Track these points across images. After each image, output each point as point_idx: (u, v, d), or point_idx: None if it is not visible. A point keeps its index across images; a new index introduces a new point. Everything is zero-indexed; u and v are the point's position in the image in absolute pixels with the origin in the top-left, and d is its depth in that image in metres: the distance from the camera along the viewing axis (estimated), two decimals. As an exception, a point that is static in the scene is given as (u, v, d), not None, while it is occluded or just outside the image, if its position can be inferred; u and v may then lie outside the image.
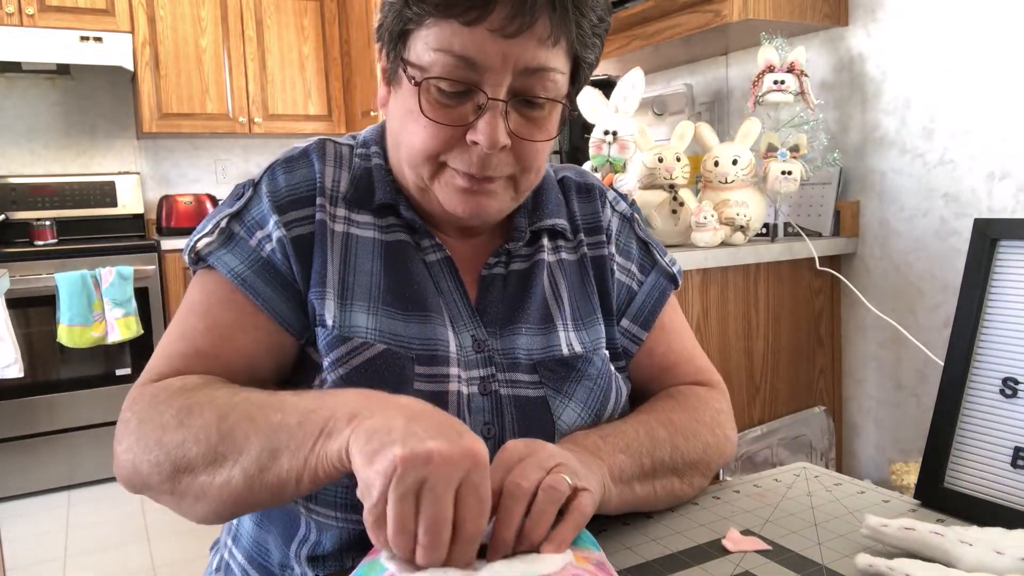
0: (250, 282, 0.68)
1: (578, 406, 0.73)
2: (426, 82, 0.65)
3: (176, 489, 0.60)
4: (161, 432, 0.61)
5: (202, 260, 0.70)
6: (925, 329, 1.65)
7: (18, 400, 2.90)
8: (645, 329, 0.81)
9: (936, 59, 1.60)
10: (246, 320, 0.68)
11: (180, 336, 0.69)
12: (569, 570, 0.51)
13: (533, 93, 0.66)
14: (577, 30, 0.66)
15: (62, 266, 2.91)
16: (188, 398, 0.62)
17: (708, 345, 1.60)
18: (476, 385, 0.70)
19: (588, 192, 0.84)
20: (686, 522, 0.71)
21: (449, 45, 0.63)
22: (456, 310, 0.73)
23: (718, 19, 1.67)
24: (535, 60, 0.64)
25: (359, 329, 0.68)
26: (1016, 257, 0.71)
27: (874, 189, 1.75)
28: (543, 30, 0.63)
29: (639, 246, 0.85)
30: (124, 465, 0.63)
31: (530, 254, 0.78)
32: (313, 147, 0.74)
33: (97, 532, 2.59)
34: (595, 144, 1.57)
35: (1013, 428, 0.68)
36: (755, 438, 1.68)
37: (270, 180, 0.71)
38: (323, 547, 0.68)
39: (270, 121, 3.57)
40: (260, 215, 0.70)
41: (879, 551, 0.61)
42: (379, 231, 0.73)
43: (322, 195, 0.71)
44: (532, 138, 0.67)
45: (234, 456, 0.57)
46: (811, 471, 0.83)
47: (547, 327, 0.75)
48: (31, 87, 3.45)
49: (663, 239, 1.67)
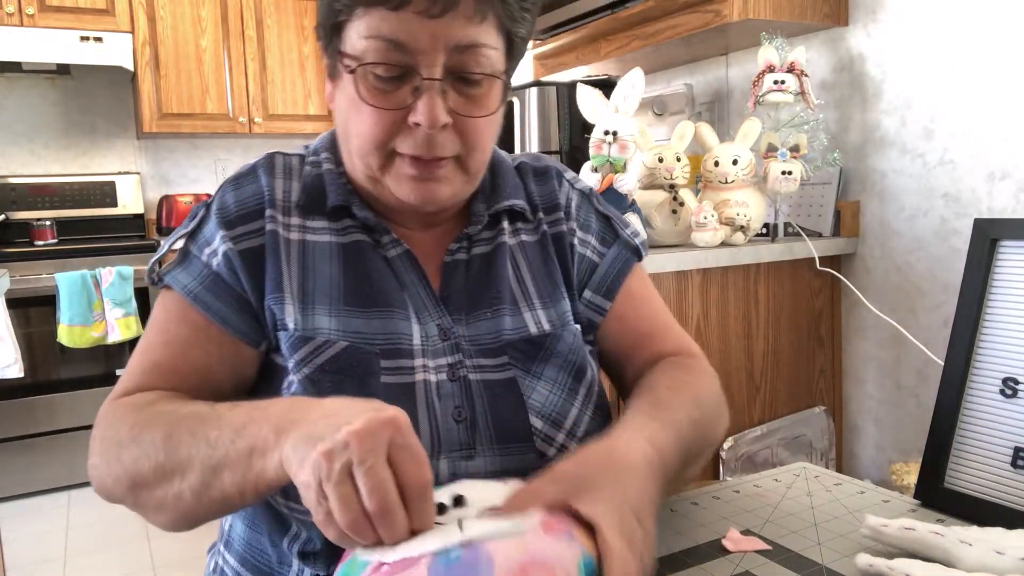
0: (201, 297, 0.71)
1: (547, 384, 0.73)
2: (361, 68, 0.67)
3: (138, 502, 0.64)
4: (119, 449, 0.64)
5: (161, 280, 0.74)
6: (925, 329, 1.65)
7: (18, 400, 2.90)
8: (608, 299, 0.82)
9: (936, 59, 1.60)
10: (200, 334, 0.71)
11: (141, 352, 0.73)
12: (547, 521, 0.51)
13: (468, 70, 0.67)
14: (503, 5, 0.68)
15: (62, 266, 2.91)
16: (141, 414, 0.65)
17: (708, 345, 1.60)
18: (444, 372, 0.71)
19: (544, 173, 0.85)
20: (686, 522, 0.71)
21: (379, 31, 0.65)
22: (421, 302, 0.74)
23: (718, 19, 1.67)
24: (465, 37, 0.66)
25: (322, 330, 0.70)
26: (1016, 257, 0.72)
27: (874, 189, 1.75)
28: (468, 8, 0.65)
29: (599, 220, 0.85)
30: (94, 479, 0.68)
31: (491, 237, 0.79)
32: (262, 163, 0.77)
33: (97, 532, 2.59)
34: (595, 144, 1.57)
35: (1013, 428, 0.68)
36: (755, 438, 1.68)
37: (220, 199, 0.74)
38: (313, 543, 0.69)
39: (270, 121, 3.57)
40: (210, 233, 0.73)
41: (879, 551, 0.61)
42: (335, 234, 0.74)
43: (272, 207, 0.73)
44: (472, 114, 0.69)
45: (180, 472, 0.60)
46: (811, 471, 0.83)
47: (514, 308, 0.76)
48: (31, 87, 3.45)
49: (663, 239, 1.67)
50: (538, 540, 0.50)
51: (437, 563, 0.47)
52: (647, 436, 0.63)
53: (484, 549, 0.48)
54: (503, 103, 0.73)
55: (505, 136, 2.25)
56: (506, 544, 0.49)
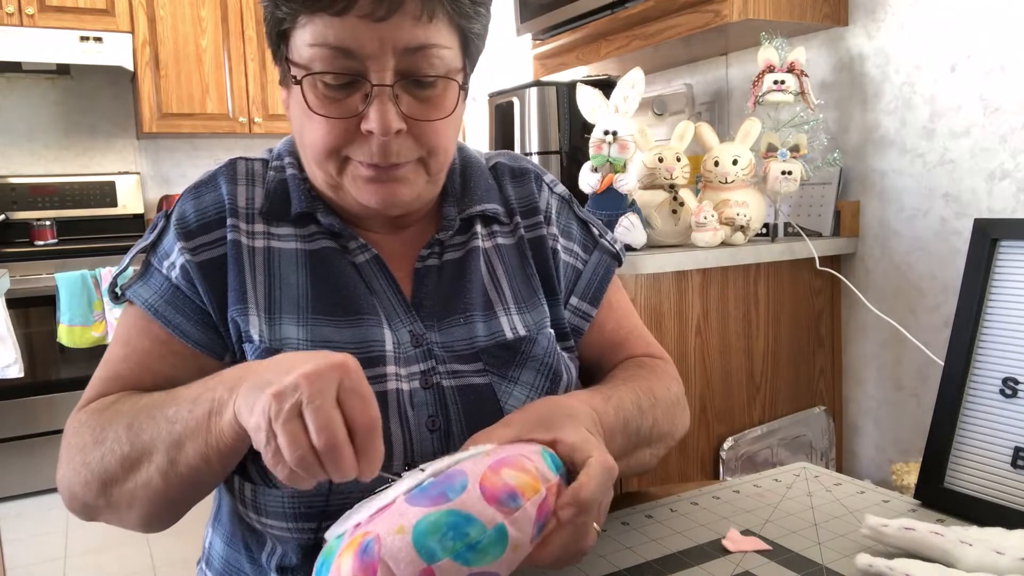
0: (161, 311, 0.70)
1: (524, 390, 0.72)
2: (309, 78, 0.64)
3: (110, 502, 0.64)
4: (83, 454, 0.64)
5: (123, 295, 0.73)
6: (925, 329, 1.65)
7: (18, 400, 2.90)
8: (594, 305, 0.82)
9: (936, 59, 1.60)
10: (161, 347, 0.70)
11: (104, 363, 0.73)
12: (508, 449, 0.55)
13: (420, 72, 0.65)
14: (451, 2, 0.65)
15: (62, 266, 2.91)
16: (101, 416, 0.65)
17: (708, 345, 1.60)
18: (417, 380, 0.70)
19: (522, 175, 0.83)
20: (686, 522, 0.71)
21: (324, 38, 0.63)
22: (391, 308, 0.72)
23: (718, 19, 1.67)
24: (414, 39, 0.63)
25: (290, 341, 0.68)
26: (1016, 257, 0.72)
27: (874, 189, 1.75)
28: (414, 7, 0.63)
29: (579, 226, 0.85)
30: (63, 491, 0.67)
31: (464, 242, 0.77)
32: (222, 170, 0.75)
33: (97, 532, 2.59)
34: (595, 144, 1.57)
35: (1013, 428, 0.68)
36: (755, 438, 1.68)
37: (179, 209, 0.73)
38: (290, 559, 0.68)
39: (270, 121, 3.57)
40: (168, 245, 0.72)
41: (879, 551, 0.61)
42: (301, 241, 0.72)
43: (234, 216, 0.71)
44: (427, 118, 0.67)
45: (146, 457, 0.61)
46: (811, 471, 0.83)
47: (488, 313, 0.75)
48: (31, 87, 3.45)
49: (663, 239, 1.67)
50: (499, 450, 0.54)
51: (412, 494, 0.49)
52: (585, 399, 0.67)
53: (453, 469, 0.51)
54: (462, 102, 0.70)
55: (505, 136, 2.25)
56: (471, 460, 0.52)
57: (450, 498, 0.48)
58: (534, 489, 0.50)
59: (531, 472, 0.51)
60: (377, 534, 0.47)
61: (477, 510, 0.48)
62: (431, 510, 0.47)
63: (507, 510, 0.48)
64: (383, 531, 0.47)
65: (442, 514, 0.47)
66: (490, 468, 0.50)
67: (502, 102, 2.25)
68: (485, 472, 0.50)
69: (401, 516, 0.48)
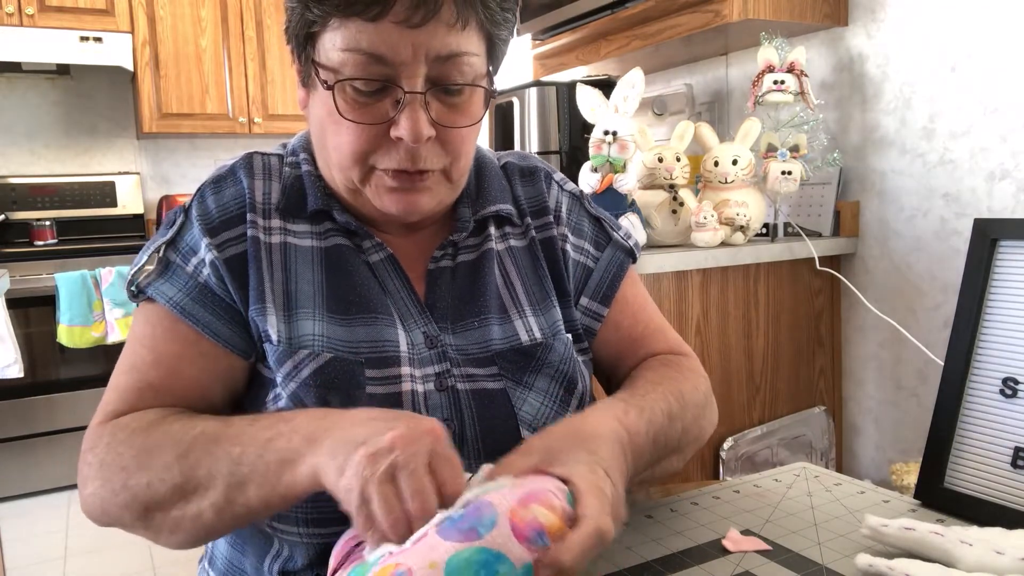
0: (190, 310, 0.68)
1: (539, 396, 0.71)
2: (340, 84, 0.64)
3: (150, 525, 0.62)
4: (125, 475, 0.62)
5: (142, 292, 0.70)
6: (925, 329, 1.65)
7: (18, 400, 2.90)
8: (605, 305, 0.80)
9: (936, 59, 1.60)
10: (191, 349, 0.68)
11: (131, 367, 0.69)
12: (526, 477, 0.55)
13: (450, 80, 0.65)
14: (484, 9, 0.64)
15: (62, 266, 2.91)
16: (146, 438, 0.63)
17: (708, 345, 1.60)
18: (432, 382, 0.69)
19: (532, 175, 0.82)
20: (686, 522, 0.71)
21: (357, 43, 0.62)
22: (405, 308, 0.72)
23: (718, 19, 1.67)
24: (446, 47, 0.63)
25: (307, 338, 0.67)
26: (1016, 257, 0.72)
27: (874, 189, 1.75)
28: (449, 15, 0.62)
29: (592, 223, 0.83)
30: (92, 506, 0.65)
31: (478, 244, 0.77)
32: (240, 163, 0.73)
33: (97, 532, 2.59)
34: (595, 144, 1.57)
35: (1013, 428, 0.68)
36: (755, 438, 1.68)
37: (199, 203, 0.71)
38: (295, 562, 0.68)
39: (270, 121, 3.57)
40: (193, 241, 0.70)
41: (879, 551, 0.61)
42: (317, 238, 0.72)
43: (253, 211, 0.70)
44: (456, 124, 0.66)
45: (201, 491, 0.59)
46: (811, 471, 0.83)
47: (503, 317, 0.74)
48: (31, 87, 3.45)
49: (663, 239, 1.67)
50: (526, 482, 0.54)
51: (443, 527, 0.50)
52: (615, 415, 0.64)
53: (482, 500, 0.51)
54: (486, 108, 0.70)
55: (505, 136, 2.25)
56: (499, 492, 0.52)
57: (481, 534, 0.49)
58: (560, 529, 0.51)
59: (557, 510, 0.52)
60: (409, 567, 0.48)
61: (507, 548, 0.49)
62: (463, 546, 0.48)
63: (535, 548, 0.49)
64: (415, 565, 0.48)
65: (473, 551, 0.48)
66: (519, 502, 0.51)
67: (502, 102, 2.25)
68: (514, 506, 0.51)
69: (432, 550, 0.48)
